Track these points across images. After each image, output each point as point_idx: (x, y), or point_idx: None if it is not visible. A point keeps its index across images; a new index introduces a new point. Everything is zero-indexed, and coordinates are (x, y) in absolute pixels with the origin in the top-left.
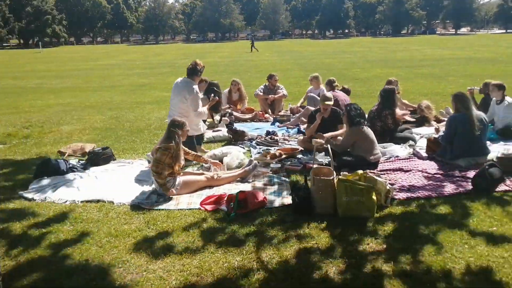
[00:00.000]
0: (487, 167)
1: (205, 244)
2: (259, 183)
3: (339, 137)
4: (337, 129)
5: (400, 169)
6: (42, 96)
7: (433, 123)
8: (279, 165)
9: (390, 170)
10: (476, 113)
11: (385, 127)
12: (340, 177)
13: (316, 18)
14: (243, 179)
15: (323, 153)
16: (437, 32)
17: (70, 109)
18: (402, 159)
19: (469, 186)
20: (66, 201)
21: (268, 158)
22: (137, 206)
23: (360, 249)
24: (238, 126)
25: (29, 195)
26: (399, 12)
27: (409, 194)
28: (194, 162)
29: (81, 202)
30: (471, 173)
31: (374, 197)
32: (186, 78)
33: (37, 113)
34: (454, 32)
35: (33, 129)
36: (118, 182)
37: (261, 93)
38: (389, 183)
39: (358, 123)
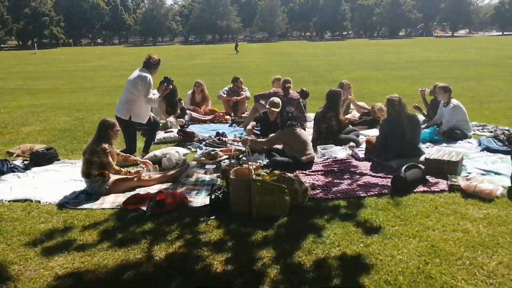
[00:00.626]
0: (405, 168)
1: (111, 242)
2: (189, 184)
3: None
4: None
5: (332, 170)
6: (19, 97)
7: None
8: (214, 166)
9: (322, 170)
10: (409, 116)
11: (329, 129)
12: (254, 177)
13: (314, 20)
14: (175, 179)
15: (263, 154)
16: (434, 34)
17: (40, 111)
18: (338, 160)
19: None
20: None
21: (203, 158)
22: (63, 205)
23: (249, 242)
24: (197, 127)
25: None
26: (396, 14)
27: (331, 195)
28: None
29: (9, 201)
30: None
31: (287, 197)
32: (142, 69)
33: (8, 114)
34: (451, 35)
35: None
36: (53, 182)
37: (225, 95)
38: (312, 183)
39: (290, 126)
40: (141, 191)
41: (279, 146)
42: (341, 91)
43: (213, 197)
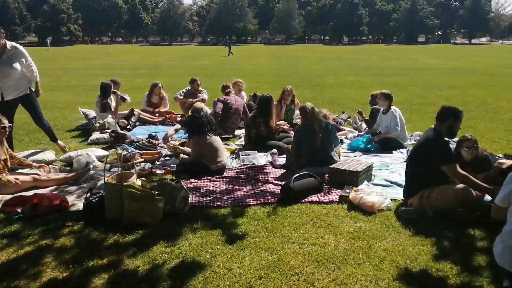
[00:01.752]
0: (296, 177)
1: None
2: (88, 187)
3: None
4: None
5: (239, 177)
6: None
7: None
8: (137, 169)
9: (229, 177)
10: (322, 124)
11: (258, 134)
12: (124, 183)
13: (331, 24)
14: (76, 181)
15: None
16: (451, 41)
17: None
18: (255, 167)
19: None
20: None
21: (115, 161)
22: None
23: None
24: (142, 128)
25: None
26: (413, 20)
27: (218, 202)
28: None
29: None
30: None
31: (159, 204)
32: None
33: None
34: (468, 42)
35: None
36: None
37: (181, 97)
38: (207, 189)
39: (202, 132)
40: (31, 192)
41: None
42: (272, 96)
43: (86, 202)
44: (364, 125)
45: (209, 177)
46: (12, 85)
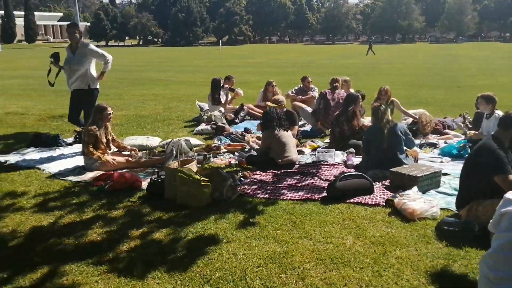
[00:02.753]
0: (344, 176)
1: (41, 207)
2: None
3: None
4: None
5: (301, 171)
6: (153, 87)
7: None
8: (201, 157)
9: (290, 172)
10: (391, 124)
11: (342, 133)
12: (173, 167)
13: (510, 20)
14: (162, 164)
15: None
16: None
17: (149, 99)
18: (326, 165)
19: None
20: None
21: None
22: (55, 175)
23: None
24: (248, 123)
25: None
26: None
27: (265, 195)
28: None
29: (30, 168)
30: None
31: (206, 189)
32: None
33: (121, 100)
34: None
35: None
36: (69, 157)
37: (292, 94)
38: (259, 180)
39: (270, 127)
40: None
41: None
42: (359, 95)
43: (151, 181)
44: (468, 130)
45: (274, 171)
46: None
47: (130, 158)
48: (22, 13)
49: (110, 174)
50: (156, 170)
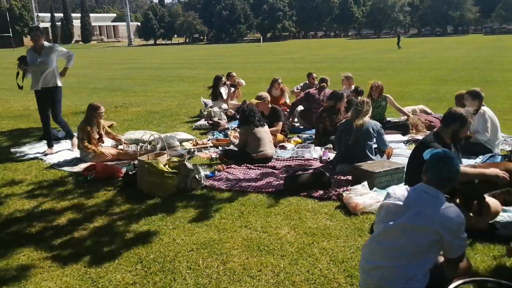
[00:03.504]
0: (298, 171)
1: (26, 194)
2: None
3: None
4: (274, 126)
5: (273, 166)
6: (177, 84)
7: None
8: (185, 151)
9: (263, 166)
10: (362, 121)
11: (325, 128)
12: (140, 158)
13: None
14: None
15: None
16: None
17: (169, 96)
18: (300, 159)
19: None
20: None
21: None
22: (53, 166)
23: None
24: None
25: (13, 149)
26: None
27: (228, 186)
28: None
29: (35, 158)
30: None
31: (170, 181)
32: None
33: (143, 97)
34: None
35: None
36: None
37: (297, 90)
38: (227, 173)
39: (246, 123)
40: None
41: None
42: (344, 93)
43: (126, 172)
44: None
45: (249, 165)
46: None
47: (121, 151)
48: (79, 15)
49: (96, 165)
50: (133, 162)
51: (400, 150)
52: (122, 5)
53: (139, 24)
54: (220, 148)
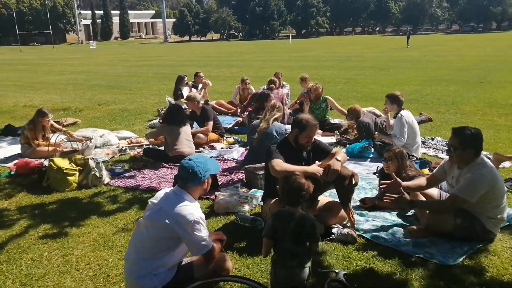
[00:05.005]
0: None
1: None
2: None
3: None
4: (205, 126)
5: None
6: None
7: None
8: (118, 148)
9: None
10: (267, 124)
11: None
12: (51, 157)
13: None
14: (83, 153)
15: None
16: None
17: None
18: (217, 159)
19: None
20: None
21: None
22: None
23: None
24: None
25: None
26: None
27: (126, 185)
28: None
29: None
30: None
31: (70, 177)
32: None
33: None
34: None
35: None
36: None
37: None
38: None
39: (166, 121)
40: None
41: None
42: (269, 93)
43: (39, 167)
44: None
45: (164, 164)
46: None
47: (58, 148)
48: (118, 12)
49: (19, 161)
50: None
51: None
52: (160, 2)
53: (174, 20)
54: (151, 146)
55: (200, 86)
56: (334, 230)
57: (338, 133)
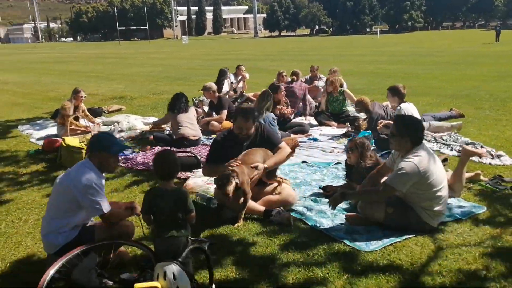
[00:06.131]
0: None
1: None
2: None
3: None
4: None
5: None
6: None
7: None
8: (138, 132)
9: (184, 151)
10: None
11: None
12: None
13: None
14: None
15: None
16: None
17: None
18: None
19: None
20: None
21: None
22: (33, 139)
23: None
24: None
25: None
26: None
27: (127, 163)
28: None
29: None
30: None
31: (76, 155)
32: None
33: None
34: None
35: None
36: None
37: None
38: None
39: (170, 108)
40: None
41: None
42: (280, 86)
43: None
44: None
45: (168, 148)
46: None
47: (86, 129)
48: (212, 8)
49: (46, 140)
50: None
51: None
52: None
53: (264, 16)
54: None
55: (239, 77)
56: (274, 212)
57: (348, 125)
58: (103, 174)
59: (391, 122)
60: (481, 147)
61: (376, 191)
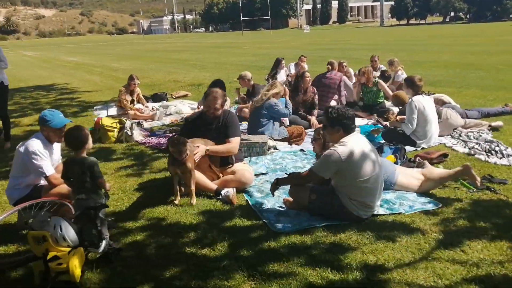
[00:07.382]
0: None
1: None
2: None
3: None
4: None
5: None
6: None
7: None
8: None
9: None
10: (261, 100)
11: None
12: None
13: None
14: (153, 119)
15: None
16: None
17: None
18: None
19: None
20: None
21: None
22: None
23: None
24: None
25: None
26: None
27: (150, 142)
28: None
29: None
30: None
31: (109, 133)
32: None
33: None
34: None
35: None
36: None
37: None
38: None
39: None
40: None
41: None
42: (304, 73)
43: None
44: None
45: None
46: None
47: (137, 112)
48: None
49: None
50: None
51: None
52: None
53: (392, 3)
54: None
55: (298, 68)
56: (223, 191)
57: (376, 116)
58: (55, 144)
59: (404, 117)
60: (498, 145)
61: (302, 176)
